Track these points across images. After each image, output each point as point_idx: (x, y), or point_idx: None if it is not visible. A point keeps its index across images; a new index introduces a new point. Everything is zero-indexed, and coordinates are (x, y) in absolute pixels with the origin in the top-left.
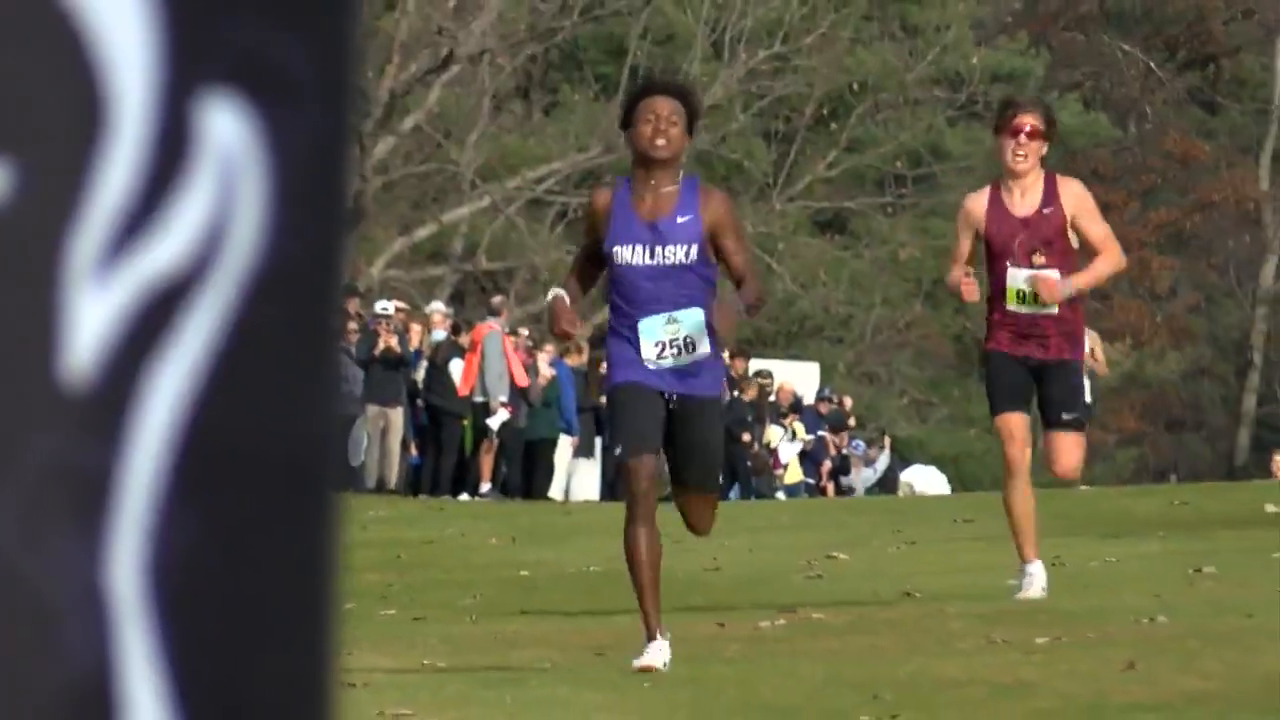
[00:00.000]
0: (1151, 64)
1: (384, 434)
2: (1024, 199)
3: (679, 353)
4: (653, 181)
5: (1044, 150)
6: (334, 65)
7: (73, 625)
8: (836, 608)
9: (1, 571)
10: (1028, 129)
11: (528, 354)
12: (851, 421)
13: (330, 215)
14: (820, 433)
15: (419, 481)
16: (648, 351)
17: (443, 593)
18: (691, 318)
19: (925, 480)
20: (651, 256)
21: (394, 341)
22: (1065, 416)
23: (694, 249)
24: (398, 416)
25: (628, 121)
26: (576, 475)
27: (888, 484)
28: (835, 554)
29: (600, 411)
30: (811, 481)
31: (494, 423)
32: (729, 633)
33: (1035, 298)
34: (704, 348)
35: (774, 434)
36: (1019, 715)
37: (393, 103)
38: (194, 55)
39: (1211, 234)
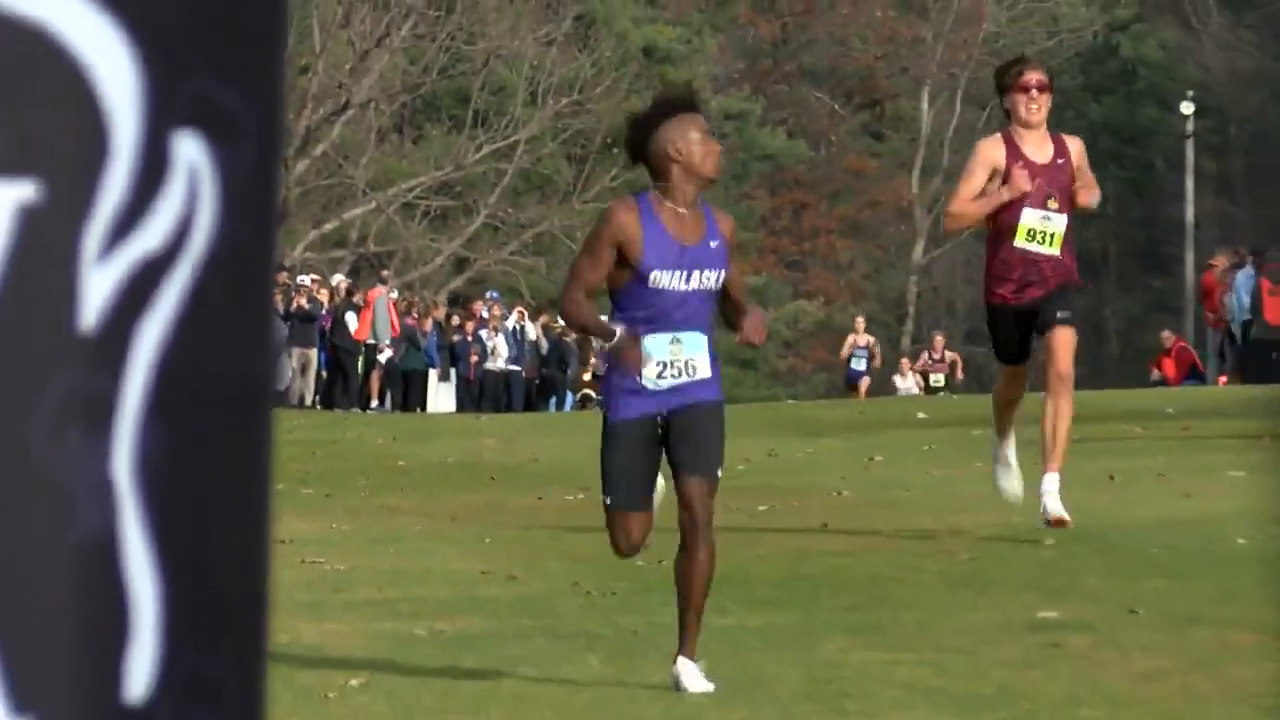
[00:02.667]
0: (835, 106)
1: (304, 368)
2: (1040, 149)
3: (679, 374)
4: (688, 202)
5: (1049, 103)
6: (266, 110)
7: (85, 504)
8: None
9: (35, 466)
10: (1036, 83)
11: (407, 311)
12: None
13: (265, 214)
14: None
15: (329, 399)
16: (649, 370)
17: (345, 478)
18: (694, 340)
19: None
20: (687, 281)
21: (304, 302)
22: (1060, 314)
23: (722, 275)
24: (313, 354)
25: (647, 140)
26: (437, 395)
27: None
28: None
29: (456, 348)
30: None
31: (382, 358)
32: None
33: (1045, 237)
34: (704, 371)
35: None
36: (746, 559)
37: (307, 136)
38: (168, 103)
39: (878, 224)
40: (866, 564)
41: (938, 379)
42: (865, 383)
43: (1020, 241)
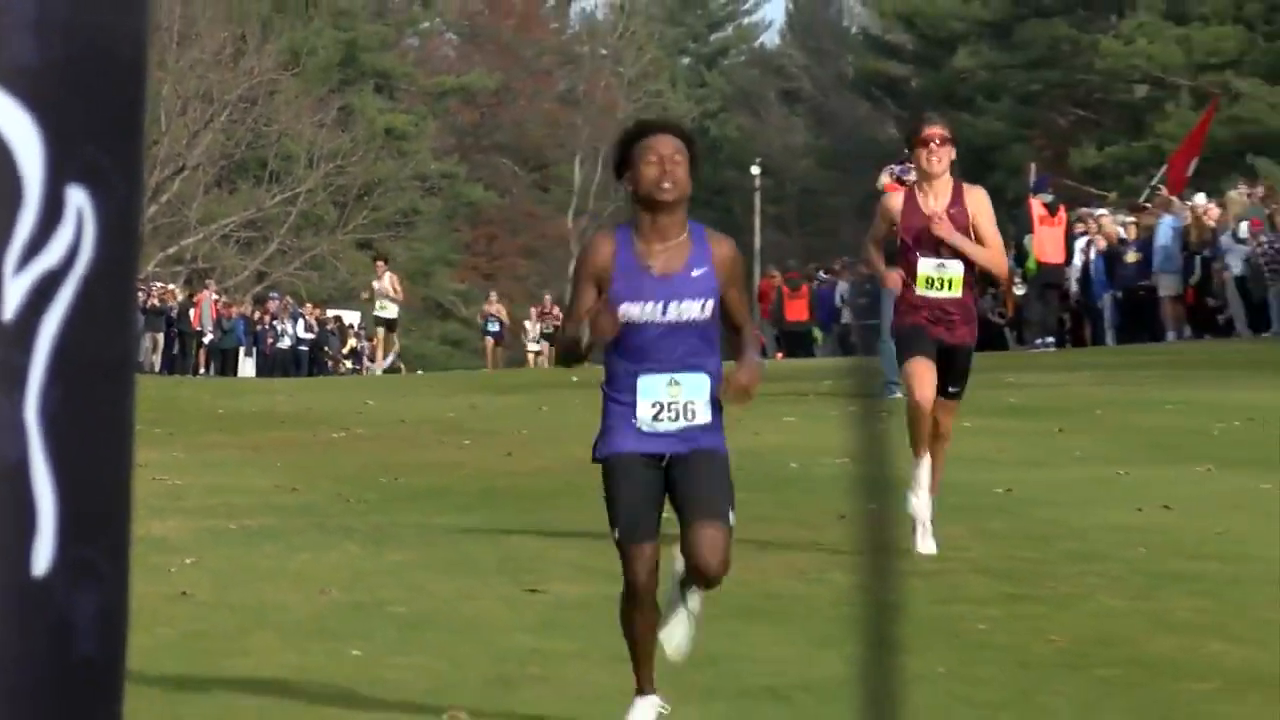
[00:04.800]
0: (515, 169)
1: (154, 346)
2: (936, 200)
3: (676, 417)
4: (659, 229)
5: (953, 155)
6: (130, 170)
7: (5, 440)
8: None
9: None
10: (938, 139)
11: (225, 308)
12: None
13: (129, 241)
14: None
15: (171, 368)
16: (643, 412)
17: (182, 422)
18: (695, 382)
19: None
20: (664, 314)
21: (156, 301)
22: (951, 390)
23: (709, 305)
24: (161, 337)
25: (623, 166)
26: (244, 366)
27: None
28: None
29: (258, 333)
30: None
31: (206, 340)
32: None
33: (942, 283)
34: (703, 415)
35: None
36: (452, 478)
37: (156, 188)
38: (64, 166)
39: (546, 250)
40: (539, 481)
41: (547, 327)
42: (491, 342)
43: (921, 289)
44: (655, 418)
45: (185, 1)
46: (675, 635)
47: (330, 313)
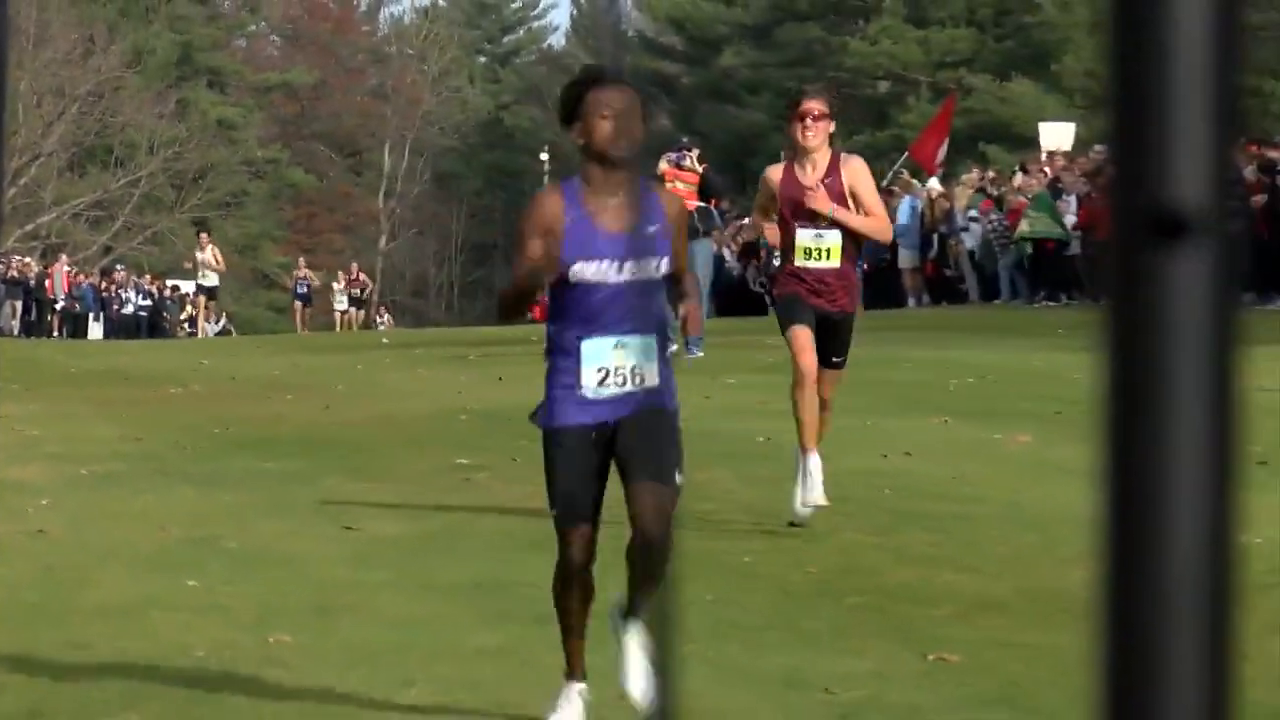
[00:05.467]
0: (332, 154)
1: (14, 312)
2: (813, 171)
3: (624, 382)
4: (611, 185)
5: (831, 128)
6: None
7: None
8: None
9: None
10: (815, 113)
11: (76, 278)
12: None
13: None
14: None
15: (29, 331)
16: (588, 378)
17: (39, 379)
18: (642, 345)
19: None
20: (619, 272)
21: (15, 273)
22: (835, 360)
23: (664, 262)
24: (19, 304)
25: (571, 116)
26: (93, 330)
27: None
28: None
29: (105, 301)
30: None
31: (59, 306)
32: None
33: (820, 253)
34: (651, 379)
35: None
36: (273, 431)
37: (15, 173)
38: None
39: (359, 226)
40: (353, 432)
41: (355, 292)
42: (299, 305)
43: (799, 260)
44: (601, 383)
45: (40, 7)
46: (638, 686)
47: (169, 283)
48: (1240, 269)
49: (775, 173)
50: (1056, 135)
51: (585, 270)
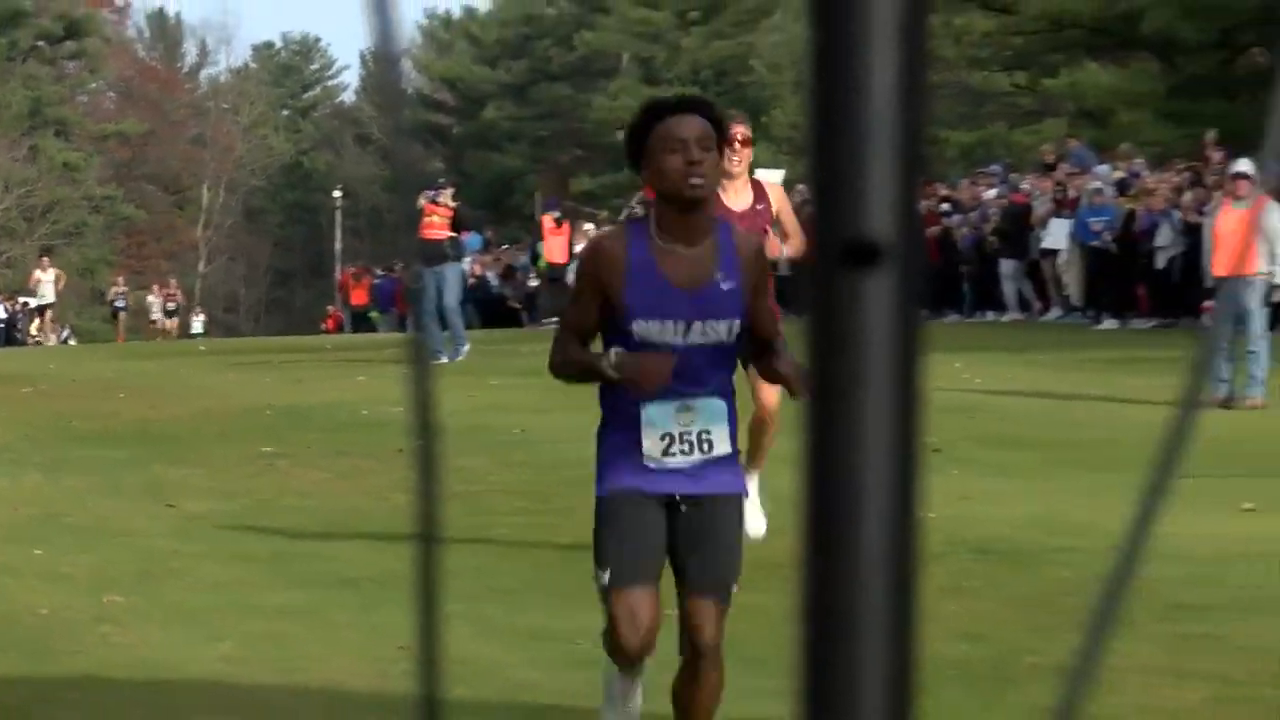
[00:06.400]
0: (160, 193)
1: None
2: (737, 196)
3: (690, 450)
4: (686, 231)
5: (751, 156)
6: None
7: None
8: None
9: None
10: (740, 138)
11: None
12: None
13: None
14: None
15: None
16: (651, 447)
17: None
18: (710, 407)
19: None
20: (687, 333)
21: None
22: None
23: (737, 325)
24: None
25: (637, 155)
26: None
27: None
28: None
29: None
30: None
31: None
32: None
33: None
34: (721, 447)
35: None
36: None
37: None
38: None
39: (183, 252)
40: (175, 426)
41: (170, 305)
42: (123, 315)
43: None
44: (666, 452)
45: None
46: None
47: (21, 300)
48: (921, 290)
49: None
50: (768, 178)
51: (648, 330)
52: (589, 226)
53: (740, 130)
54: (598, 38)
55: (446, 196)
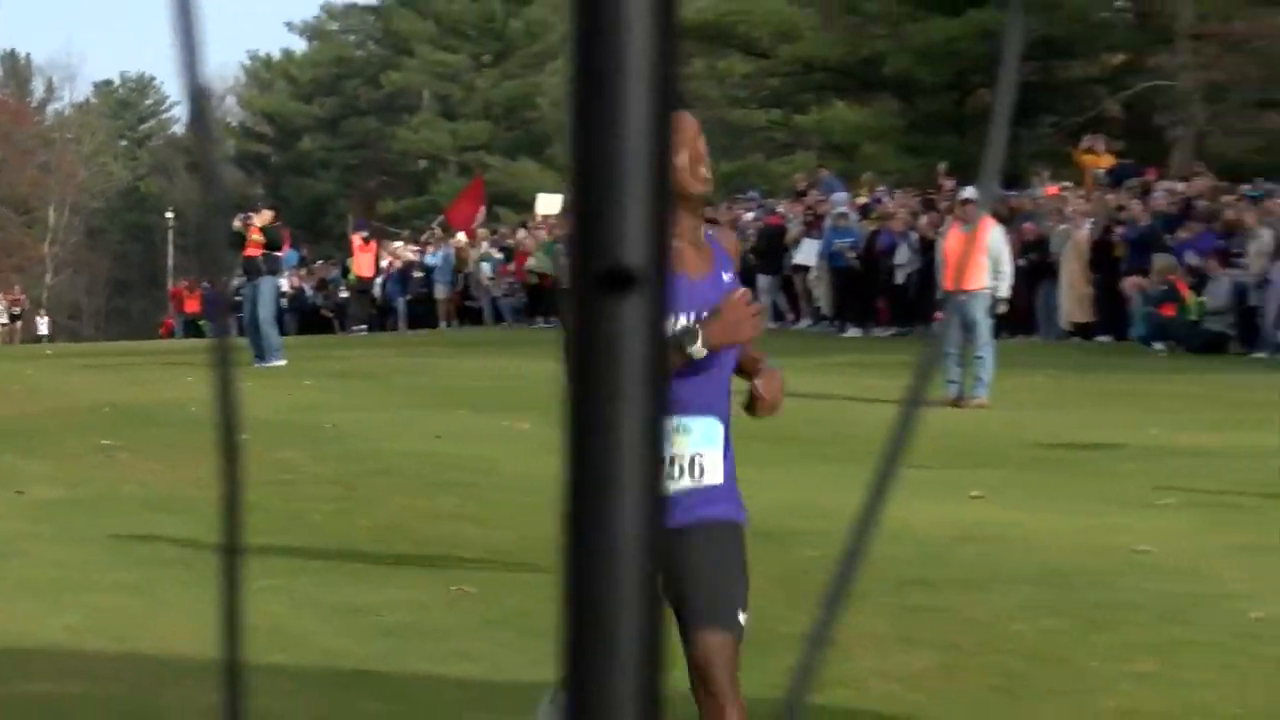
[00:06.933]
0: (11, 214)
1: None
2: None
3: (682, 474)
4: (690, 226)
5: None
6: None
7: None
8: None
9: None
10: None
11: None
12: None
13: None
14: None
15: None
16: None
17: None
18: (705, 428)
19: None
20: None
21: None
22: None
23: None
24: None
25: None
26: None
27: None
28: None
29: None
30: None
31: None
32: None
33: None
34: (714, 473)
35: None
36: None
37: None
38: None
39: (33, 266)
40: (23, 421)
41: (15, 310)
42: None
43: None
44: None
45: None
46: None
47: None
48: (668, 310)
49: None
50: (550, 203)
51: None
52: (397, 244)
53: None
54: (402, 77)
55: (259, 218)
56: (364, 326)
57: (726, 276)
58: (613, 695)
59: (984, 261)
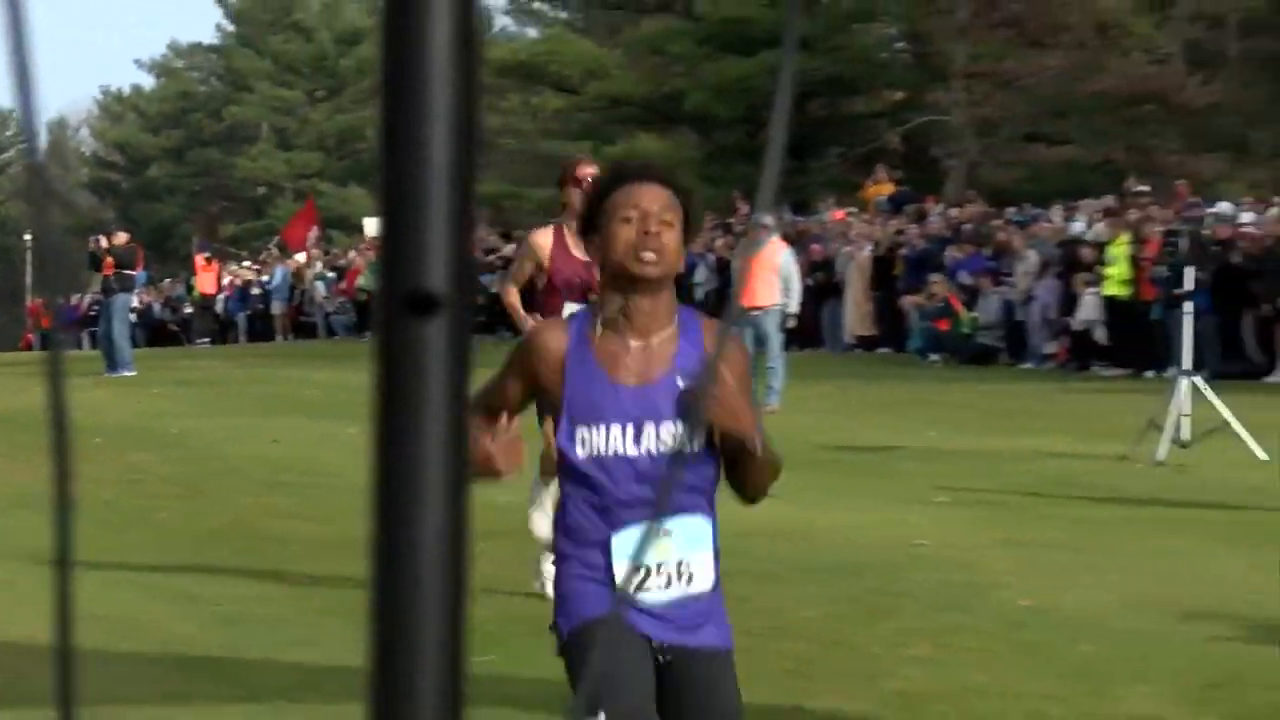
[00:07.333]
0: None
1: None
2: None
3: (668, 583)
4: (635, 318)
5: None
6: None
7: None
8: None
9: None
10: (590, 177)
11: None
12: None
13: None
14: None
15: None
16: (621, 579)
17: None
18: (690, 530)
19: None
20: (637, 442)
21: None
22: None
23: (702, 432)
24: None
25: (591, 226)
26: None
27: None
28: None
29: None
30: None
31: None
32: None
33: None
34: (703, 580)
35: None
36: None
37: None
38: None
39: None
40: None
41: None
42: None
43: None
44: (640, 587)
45: None
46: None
47: None
48: (470, 333)
49: (544, 238)
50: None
51: (592, 438)
52: (246, 263)
53: (590, 171)
54: (242, 111)
55: (111, 240)
56: (207, 340)
57: (682, 384)
58: (415, 683)
59: (775, 280)
